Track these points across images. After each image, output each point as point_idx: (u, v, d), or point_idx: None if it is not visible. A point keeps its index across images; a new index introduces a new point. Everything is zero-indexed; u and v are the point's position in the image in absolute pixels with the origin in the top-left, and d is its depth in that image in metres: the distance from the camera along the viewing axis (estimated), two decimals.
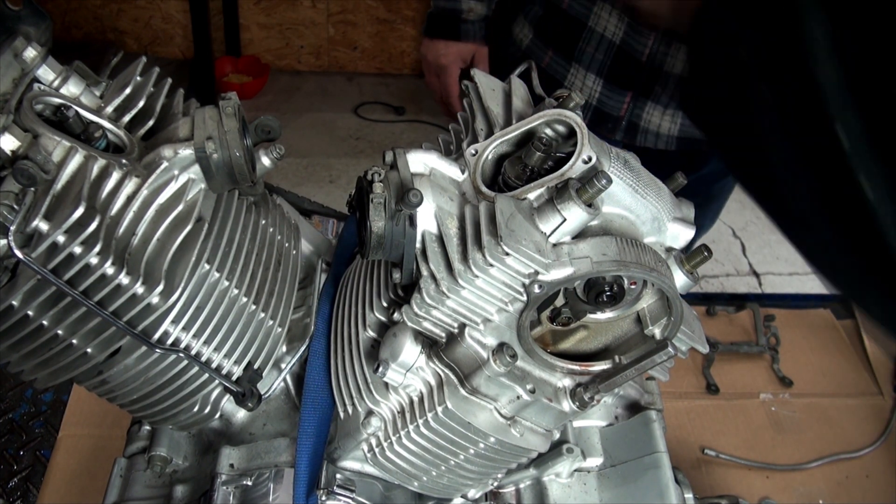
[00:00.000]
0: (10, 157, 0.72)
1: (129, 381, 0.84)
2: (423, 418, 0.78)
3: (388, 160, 0.79)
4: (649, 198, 0.77)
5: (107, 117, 0.81)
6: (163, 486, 0.93)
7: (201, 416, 0.91)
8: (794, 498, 1.39)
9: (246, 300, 0.86)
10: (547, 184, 0.74)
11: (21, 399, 1.95)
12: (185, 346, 0.82)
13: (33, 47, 0.77)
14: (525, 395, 0.76)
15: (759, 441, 1.48)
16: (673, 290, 0.75)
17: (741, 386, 1.58)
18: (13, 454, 1.53)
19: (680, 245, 0.81)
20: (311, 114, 4.15)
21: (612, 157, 0.75)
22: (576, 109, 0.76)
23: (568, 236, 0.73)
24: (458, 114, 0.86)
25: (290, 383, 0.95)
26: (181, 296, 0.78)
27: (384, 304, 0.84)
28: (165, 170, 0.77)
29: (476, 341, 0.75)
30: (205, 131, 0.80)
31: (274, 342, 0.91)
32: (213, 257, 0.81)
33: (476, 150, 0.78)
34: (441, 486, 0.87)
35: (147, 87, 0.84)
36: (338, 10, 4.25)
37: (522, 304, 0.73)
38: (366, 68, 4.52)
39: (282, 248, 0.96)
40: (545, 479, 0.97)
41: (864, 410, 1.55)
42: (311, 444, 0.84)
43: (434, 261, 0.73)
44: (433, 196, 0.75)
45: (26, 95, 0.76)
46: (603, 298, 0.74)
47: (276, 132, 0.90)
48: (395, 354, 0.76)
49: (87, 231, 0.73)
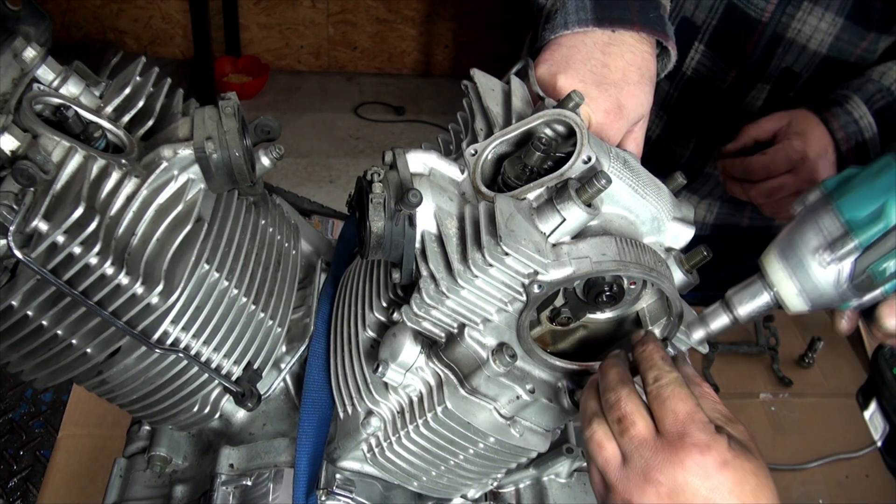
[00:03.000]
0: (10, 157, 0.72)
1: (128, 381, 0.84)
2: (423, 418, 0.78)
3: (388, 160, 0.79)
4: (649, 198, 0.77)
5: (106, 117, 0.81)
6: (162, 486, 0.93)
7: (201, 416, 0.91)
8: (794, 498, 1.39)
9: (245, 300, 0.86)
10: (546, 184, 0.74)
11: (21, 399, 1.96)
12: (185, 346, 0.82)
13: (33, 47, 0.77)
14: (525, 395, 0.76)
15: (759, 441, 1.46)
16: (672, 290, 0.75)
17: (741, 386, 1.58)
18: (13, 454, 1.53)
19: (679, 245, 0.81)
20: (311, 114, 4.15)
21: (612, 157, 0.75)
22: (575, 109, 0.76)
23: (567, 236, 0.73)
24: (457, 113, 0.86)
25: (290, 383, 0.95)
26: (181, 296, 0.78)
27: (384, 304, 0.84)
28: (165, 170, 0.77)
29: (476, 341, 0.75)
30: (204, 131, 0.80)
31: (273, 342, 0.91)
32: (213, 257, 0.81)
33: (475, 150, 0.78)
34: (441, 486, 0.87)
35: (146, 88, 0.84)
36: (338, 10, 4.25)
37: (522, 304, 0.73)
38: (366, 68, 4.53)
39: (281, 248, 0.96)
40: (545, 479, 0.97)
41: None
42: (310, 444, 0.84)
43: (433, 261, 0.73)
44: (433, 196, 0.75)
45: (26, 95, 0.76)
46: (602, 298, 0.74)
47: (276, 132, 0.90)
48: (394, 354, 0.76)
49: (87, 231, 0.73)
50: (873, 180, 0.67)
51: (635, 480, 0.63)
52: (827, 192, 0.70)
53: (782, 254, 0.70)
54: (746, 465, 0.63)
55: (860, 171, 0.69)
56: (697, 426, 0.63)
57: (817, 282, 0.69)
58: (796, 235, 0.70)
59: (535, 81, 0.85)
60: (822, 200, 0.69)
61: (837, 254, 0.67)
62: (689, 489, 0.61)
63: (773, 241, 0.72)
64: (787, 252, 0.70)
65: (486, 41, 4.43)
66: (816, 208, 0.69)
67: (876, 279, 0.67)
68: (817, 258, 0.68)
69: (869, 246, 0.66)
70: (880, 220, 0.66)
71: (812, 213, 0.69)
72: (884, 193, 0.66)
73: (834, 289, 0.68)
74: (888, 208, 0.65)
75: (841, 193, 0.68)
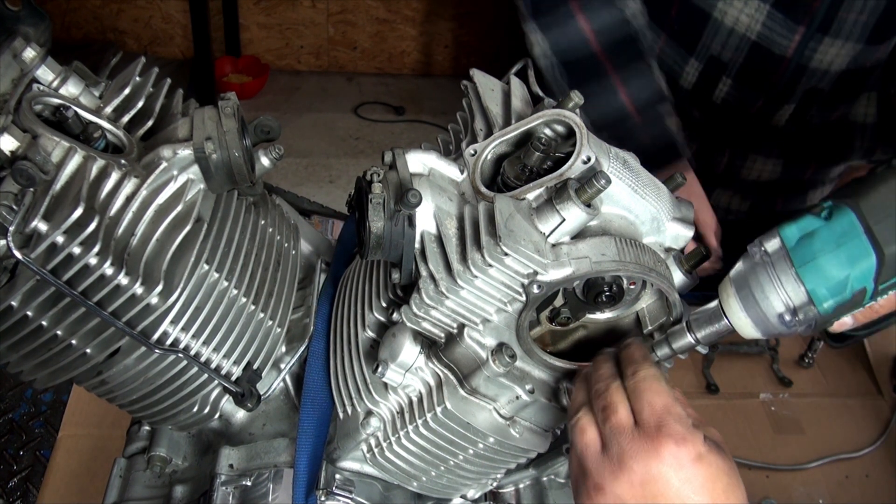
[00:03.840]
0: (9, 157, 0.72)
1: (128, 382, 0.84)
2: (423, 418, 0.78)
3: (388, 160, 0.79)
4: (648, 198, 0.77)
5: (106, 118, 0.81)
6: (162, 486, 0.93)
7: (201, 416, 0.91)
8: (794, 498, 1.39)
9: (245, 300, 0.86)
10: (546, 184, 0.73)
11: (21, 399, 1.96)
12: (185, 346, 0.82)
13: (32, 48, 0.77)
14: (524, 396, 0.76)
15: (759, 441, 1.47)
16: (672, 290, 0.75)
17: (741, 386, 1.58)
18: (13, 454, 1.53)
19: (679, 245, 0.81)
20: (311, 114, 4.15)
21: (612, 158, 0.75)
22: (574, 109, 0.76)
23: (567, 236, 0.73)
24: (457, 114, 0.86)
25: (290, 383, 0.95)
26: (180, 296, 0.78)
27: (383, 304, 0.84)
28: (164, 170, 0.77)
29: (475, 341, 0.75)
30: (204, 132, 0.80)
31: (273, 342, 0.91)
32: (213, 257, 0.81)
33: (475, 151, 0.78)
34: (440, 487, 0.87)
35: (146, 88, 0.84)
36: (338, 10, 4.25)
37: (521, 304, 0.73)
38: (366, 68, 4.52)
39: (281, 248, 0.96)
40: (545, 479, 0.97)
41: (863, 410, 1.55)
42: (310, 445, 0.84)
43: (433, 261, 0.73)
44: (432, 196, 0.75)
45: (25, 96, 0.76)
46: (602, 298, 0.74)
47: (276, 132, 0.90)
48: (394, 355, 0.76)
49: (86, 231, 0.73)
50: (836, 249, 0.65)
51: (610, 467, 0.64)
52: (787, 249, 0.68)
53: (740, 294, 0.70)
54: (720, 462, 0.63)
55: (822, 227, 0.67)
56: (674, 418, 0.63)
57: (772, 325, 0.70)
58: (755, 286, 0.69)
59: (534, 81, 0.85)
60: (782, 258, 0.68)
61: (799, 318, 0.68)
62: (661, 479, 0.62)
63: (729, 277, 0.72)
64: (744, 295, 0.70)
65: (486, 41, 4.43)
66: (776, 265, 0.68)
67: (832, 322, 0.69)
68: (779, 317, 0.68)
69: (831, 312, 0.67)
70: (843, 291, 0.65)
71: (771, 269, 0.68)
72: (847, 266, 0.65)
73: (787, 329, 0.70)
74: (851, 280, 0.65)
75: (803, 259, 0.67)
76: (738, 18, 1.36)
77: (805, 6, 1.31)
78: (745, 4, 1.33)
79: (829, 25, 1.32)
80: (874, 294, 0.66)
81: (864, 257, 0.65)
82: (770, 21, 1.34)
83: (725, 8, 1.36)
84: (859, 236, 0.65)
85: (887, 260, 0.64)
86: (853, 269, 0.65)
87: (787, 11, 1.32)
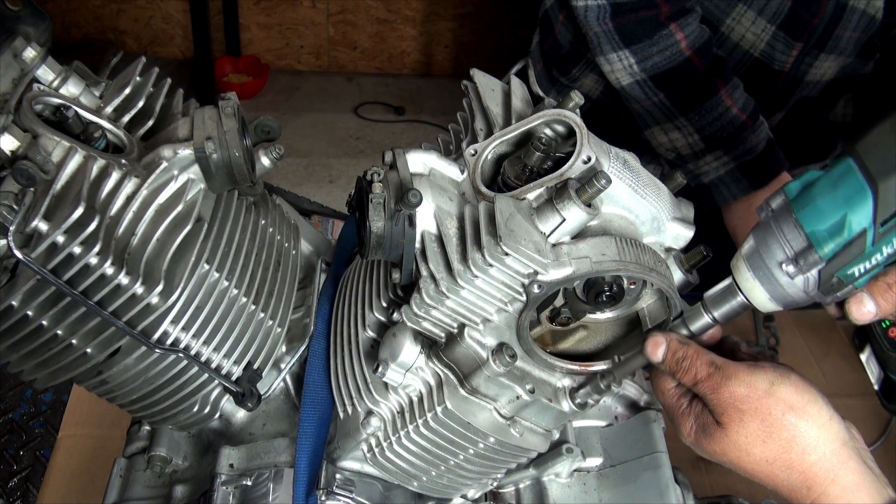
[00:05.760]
0: (10, 157, 0.72)
1: (128, 381, 0.84)
2: (423, 418, 0.78)
3: (388, 160, 0.79)
4: (649, 198, 0.77)
5: (106, 117, 0.81)
6: (162, 486, 0.93)
7: (201, 416, 0.91)
8: None
9: (245, 300, 0.86)
10: (546, 184, 0.74)
11: (21, 399, 1.96)
12: (185, 346, 0.82)
13: (33, 47, 0.77)
14: (524, 395, 0.76)
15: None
16: (672, 289, 0.75)
17: None
18: (13, 454, 1.53)
19: (679, 245, 0.81)
20: (311, 114, 4.15)
21: (612, 157, 0.76)
22: (574, 109, 0.76)
23: (567, 236, 0.73)
24: (457, 114, 0.86)
25: (290, 383, 0.95)
26: (181, 296, 0.78)
27: (384, 304, 0.84)
28: (165, 170, 0.77)
29: (475, 341, 0.75)
30: (204, 131, 0.80)
31: (273, 342, 0.91)
32: (213, 257, 0.81)
33: (475, 151, 0.78)
34: (441, 486, 0.87)
35: (146, 88, 0.84)
36: (338, 10, 4.25)
37: (522, 304, 0.73)
38: (366, 68, 4.53)
39: (281, 248, 0.96)
40: (545, 479, 0.97)
41: (863, 410, 1.55)
42: (310, 444, 0.84)
43: (433, 261, 0.73)
44: (432, 196, 0.75)
45: (26, 96, 0.76)
46: (602, 298, 0.74)
47: (276, 132, 0.90)
48: (394, 354, 0.76)
49: (87, 231, 0.73)
50: (833, 190, 0.66)
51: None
52: (789, 200, 0.70)
53: (750, 262, 0.71)
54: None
55: (821, 175, 0.68)
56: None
57: (786, 290, 0.70)
58: (761, 245, 0.70)
59: (534, 81, 0.85)
60: (785, 209, 0.69)
61: (802, 266, 0.68)
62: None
63: (741, 248, 0.73)
64: (754, 261, 0.71)
65: (486, 41, 4.43)
66: (779, 218, 0.70)
67: (844, 282, 0.68)
68: (783, 269, 0.69)
69: (833, 256, 0.67)
70: (842, 231, 0.66)
71: (775, 222, 0.70)
72: (843, 205, 0.65)
73: (803, 294, 0.70)
74: (849, 220, 0.65)
75: (802, 204, 0.68)
76: (744, 36, 1.41)
77: (804, 24, 1.37)
78: (752, 24, 1.39)
79: (826, 42, 1.40)
80: (875, 238, 0.65)
81: (860, 193, 0.65)
82: (773, 40, 1.39)
83: (734, 25, 1.40)
84: (854, 175, 0.66)
85: (881, 193, 0.64)
86: (850, 207, 0.65)
87: (788, 30, 1.38)
